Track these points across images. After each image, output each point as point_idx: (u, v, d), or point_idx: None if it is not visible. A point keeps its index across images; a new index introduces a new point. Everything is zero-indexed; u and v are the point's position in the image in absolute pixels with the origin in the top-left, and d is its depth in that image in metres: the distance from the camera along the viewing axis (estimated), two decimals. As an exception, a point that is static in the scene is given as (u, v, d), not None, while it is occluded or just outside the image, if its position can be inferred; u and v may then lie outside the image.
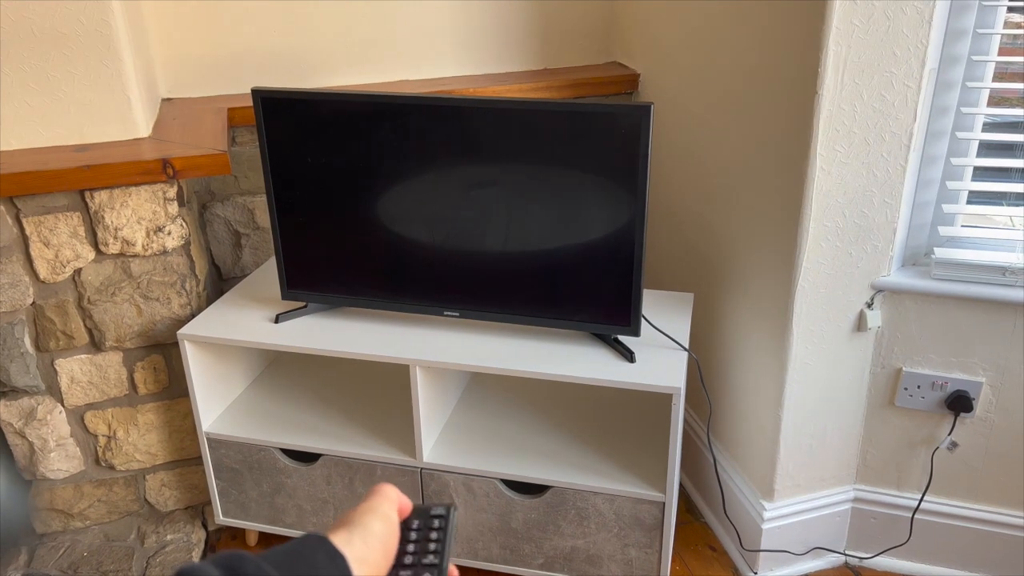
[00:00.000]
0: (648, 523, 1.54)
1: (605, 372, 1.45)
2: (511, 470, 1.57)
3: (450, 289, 1.57)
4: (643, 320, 1.61)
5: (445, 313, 1.59)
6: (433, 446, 1.64)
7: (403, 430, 1.70)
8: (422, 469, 1.61)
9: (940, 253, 1.54)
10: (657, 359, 1.49)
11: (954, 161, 1.49)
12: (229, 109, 1.84)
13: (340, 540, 0.48)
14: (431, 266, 1.56)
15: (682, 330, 1.60)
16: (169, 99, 1.94)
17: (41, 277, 1.60)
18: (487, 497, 1.60)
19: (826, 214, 1.48)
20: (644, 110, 1.33)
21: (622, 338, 1.54)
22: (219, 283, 2.02)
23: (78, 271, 1.62)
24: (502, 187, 1.46)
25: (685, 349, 1.53)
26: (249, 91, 1.99)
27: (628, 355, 1.49)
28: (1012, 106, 1.47)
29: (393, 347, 1.55)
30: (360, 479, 1.65)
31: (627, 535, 1.56)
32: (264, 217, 1.99)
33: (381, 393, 1.84)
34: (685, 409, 1.96)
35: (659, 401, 1.80)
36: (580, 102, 1.37)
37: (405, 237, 1.55)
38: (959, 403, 1.60)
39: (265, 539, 1.90)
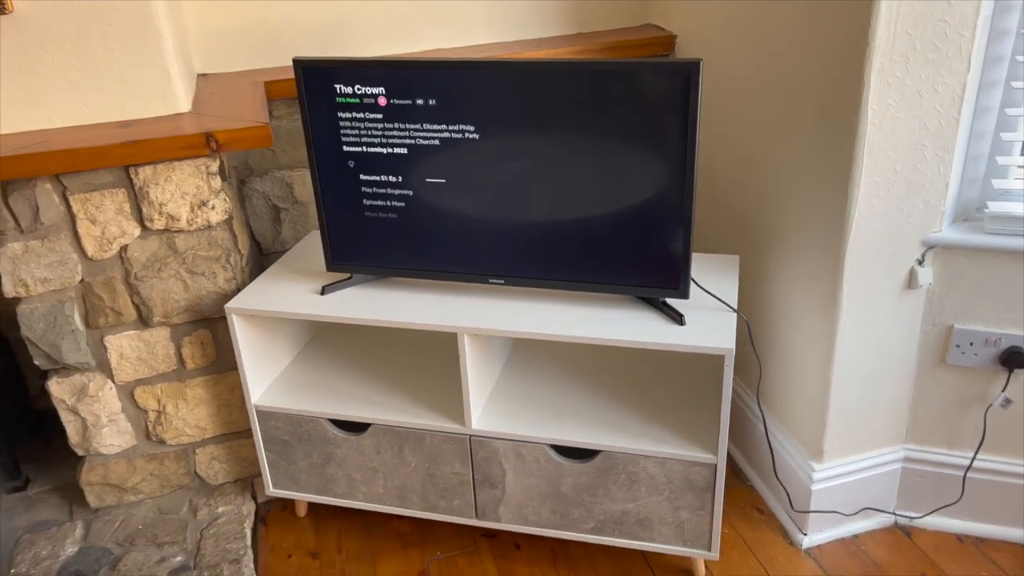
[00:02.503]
0: (700, 485, 1.53)
1: (655, 335, 1.44)
2: (560, 435, 1.58)
3: (495, 256, 1.56)
4: (691, 282, 1.60)
5: (491, 281, 1.59)
6: (481, 413, 1.64)
7: (450, 398, 1.70)
8: (471, 436, 1.62)
9: (993, 207, 1.51)
10: (706, 321, 1.48)
11: (1008, 112, 1.46)
12: (266, 83, 1.83)
13: None
14: (476, 233, 1.55)
15: (730, 292, 1.58)
16: (204, 74, 1.94)
17: (89, 254, 1.61)
18: (536, 463, 1.61)
19: (877, 169, 1.46)
20: (693, 66, 1.31)
21: (670, 301, 1.53)
22: (260, 258, 2.03)
23: (124, 247, 1.63)
24: (548, 151, 1.44)
25: (734, 310, 1.52)
26: (283, 64, 1.98)
27: (677, 318, 1.48)
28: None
29: (440, 316, 1.55)
30: (410, 447, 1.66)
31: (678, 498, 1.56)
32: (303, 191, 1.99)
33: (426, 362, 1.84)
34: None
35: (705, 364, 1.79)
36: (627, 60, 1.35)
37: (449, 205, 1.54)
38: (1013, 359, 1.58)
39: (314, 509, 1.92)
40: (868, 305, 1.58)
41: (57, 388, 1.72)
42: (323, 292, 1.65)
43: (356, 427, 1.70)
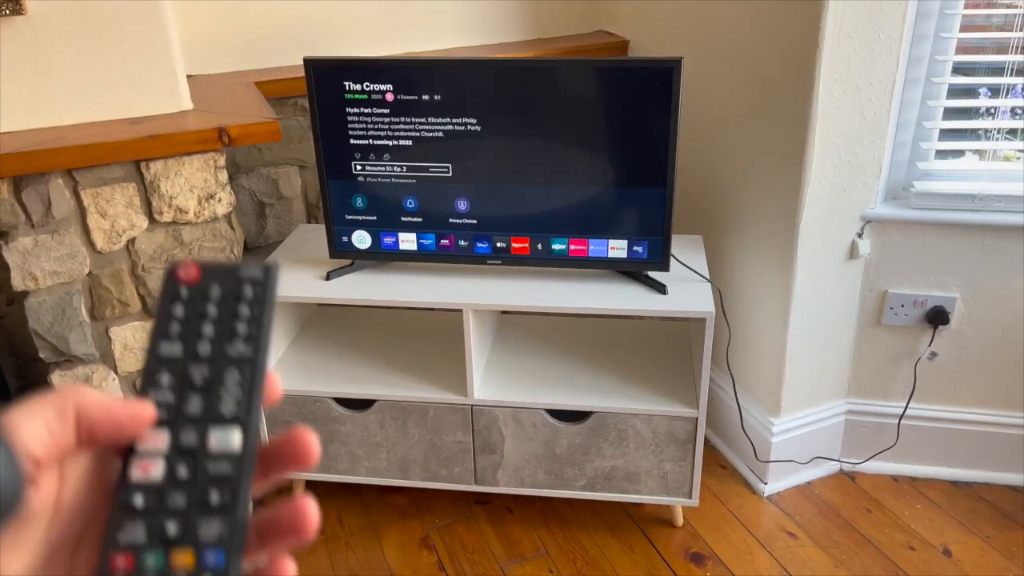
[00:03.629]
0: (681, 438, 1.72)
1: (644, 303, 1.62)
2: (556, 400, 1.73)
3: (493, 238, 1.71)
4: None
5: (488, 262, 1.73)
6: (479, 384, 1.78)
7: (448, 373, 1.83)
8: (473, 406, 1.75)
9: (918, 186, 1.77)
10: (684, 291, 1.67)
11: (929, 103, 1.71)
12: (256, 83, 1.92)
13: None
14: (476, 217, 1.69)
15: (701, 266, 1.78)
16: (190, 75, 2.01)
17: (98, 247, 1.67)
18: (534, 427, 1.76)
19: (826, 155, 1.68)
20: (676, 63, 1.50)
21: (651, 274, 1.71)
22: (244, 254, 2.10)
23: (132, 240, 1.69)
24: (545, 141, 1.60)
25: (709, 281, 1.71)
26: (260, 67, 2.07)
27: (661, 288, 1.67)
28: (979, 53, 1.70)
29: (445, 294, 1.68)
30: (413, 420, 1.78)
31: (663, 451, 1.74)
32: (288, 187, 2.08)
33: (420, 342, 1.96)
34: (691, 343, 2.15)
35: (675, 334, 1.99)
36: (619, 58, 1.52)
37: (451, 193, 1.68)
38: (937, 317, 1.83)
39: (311, 489, 2.01)
40: (817, 275, 1.80)
41: (60, 380, 1.75)
42: (328, 278, 1.75)
43: (360, 405, 1.80)
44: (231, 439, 0.32)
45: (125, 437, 0.32)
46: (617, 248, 1.68)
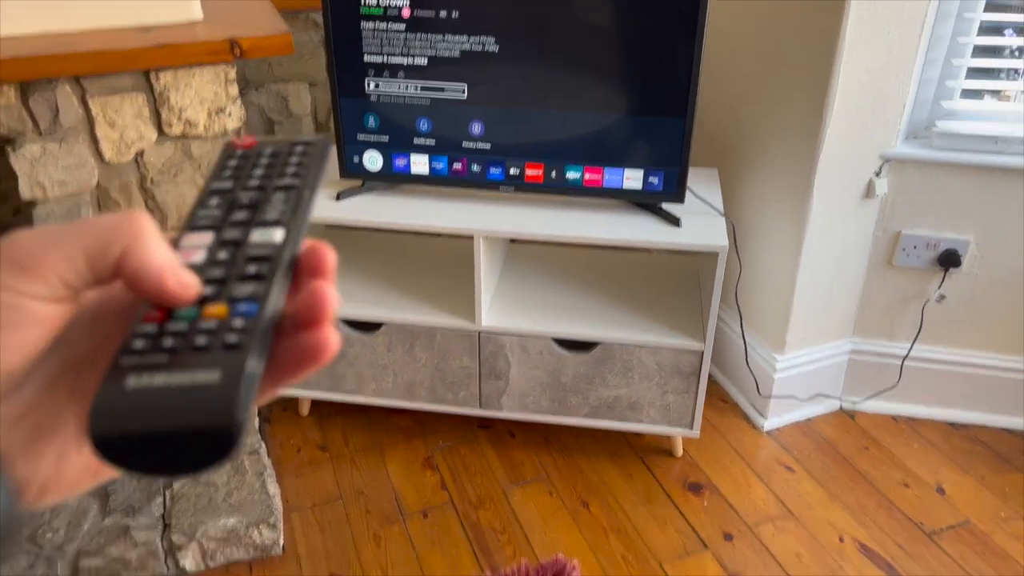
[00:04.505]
0: (686, 371, 1.73)
1: (657, 235, 1.61)
2: (564, 329, 1.74)
3: (505, 164, 1.69)
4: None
5: (501, 188, 1.71)
6: (487, 312, 1.78)
7: (457, 299, 1.83)
8: (480, 333, 1.76)
9: (941, 125, 1.73)
10: (698, 224, 1.66)
11: (960, 40, 1.67)
12: (267, -6, 1.87)
13: None
14: (491, 141, 1.67)
15: (716, 200, 1.76)
16: (199, -16, 1.95)
17: (106, 158, 1.65)
18: (540, 355, 1.77)
19: (849, 90, 1.64)
20: (704, -11, 1.45)
21: (665, 206, 1.70)
22: (253, 170, 2.08)
23: (141, 152, 1.67)
24: (564, 59, 1.57)
25: (722, 214, 1.70)
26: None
27: (675, 221, 1.65)
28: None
29: (456, 220, 1.67)
30: (420, 345, 1.79)
31: (667, 382, 1.75)
32: (297, 104, 2.04)
33: (428, 268, 1.96)
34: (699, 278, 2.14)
35: (684, 268, 1.98)
36: (642, -18, 1.48)
37: (466, 114, 1.65)
38: (949, 259, 1.82)
39: (316, 408, 2.03)
40: (832, 213, 1.79)
41: (69, 292, 1.75)
42: (338, 198, 1.74)
43: (368, 327, 1.81)
44: (273, 234, 0.32)
45: (162, 302, 0.30)
46: (632, 178, 1.66)
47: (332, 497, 1.79)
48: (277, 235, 0.31)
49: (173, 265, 0.30)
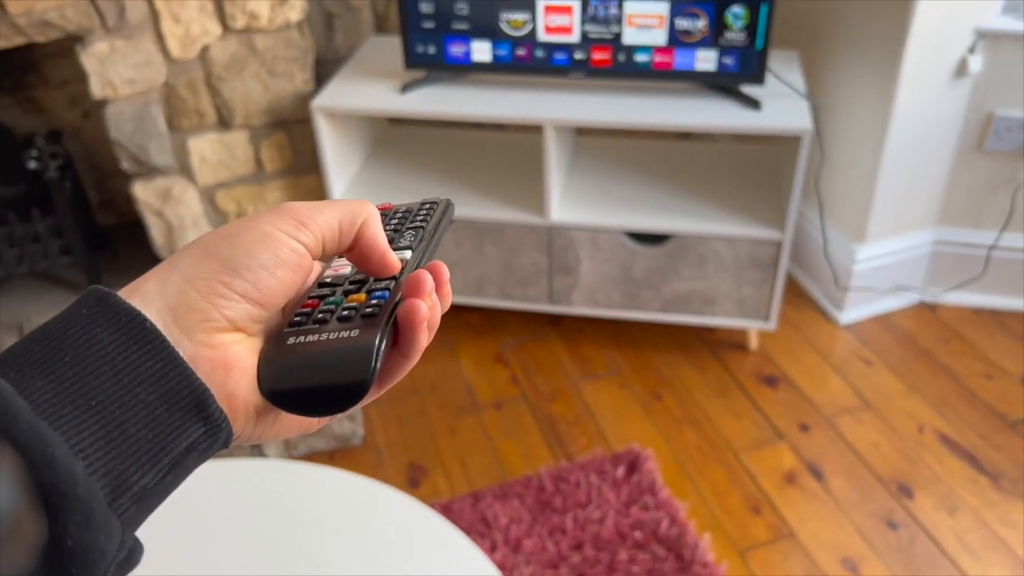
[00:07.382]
0: (764, 262, 1.69)
1: (737, 119, 1.54)
2: (637, 222, 1.70)
3: (573, 50, 1.62)
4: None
5: (568, 74, 1.65)
6: (557, 206, 1.75)
7: (524, 194, 1.80)
8: (550, 228, 1.73)
9: (1045, -6, 1.61)
10: (779, 107, 1.58)
11: None
12: None
13: (147, 290, 0.32)
14: (555, 28, 1.60)
15: (797, 82, 1.68)
16: None
17: (172, 55, 1.63)
18: (611, 250, 1.74)
19: (947, -44, 1.53)
20: None
21: (743, 89, 1.62)
22: (315, 66, 2.04)
23: (206, 48, 1.65)
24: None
25: (805, 98, 1.62)
26: None
27: (754, 104, 1.58)
28: None
29: (524, 109, 1.62)
30: (490, 241, 1.78)
31: (743, 274, 1.71)
32: (357, -3, 1.99)
33: (492, 162, 1.93)
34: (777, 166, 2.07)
35: (761, 155, 1.91)
36: None
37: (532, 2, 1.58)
38: (1046, 142, 1.72)
39: (387, 307, 2.05)
40: (920, 94, 1.69)
41: (143, 191, 1.77)
42: (403, 91, 1.70)
43: (436, 222, 1.79)
44: (404, 254, 0.40)
45: (380, 266, 0.38)
46: (705, 60, 1.59)
47: (407, 391, 1.82)
48: (407, 255, 0.40)
49: (388, 247, 0.38)
